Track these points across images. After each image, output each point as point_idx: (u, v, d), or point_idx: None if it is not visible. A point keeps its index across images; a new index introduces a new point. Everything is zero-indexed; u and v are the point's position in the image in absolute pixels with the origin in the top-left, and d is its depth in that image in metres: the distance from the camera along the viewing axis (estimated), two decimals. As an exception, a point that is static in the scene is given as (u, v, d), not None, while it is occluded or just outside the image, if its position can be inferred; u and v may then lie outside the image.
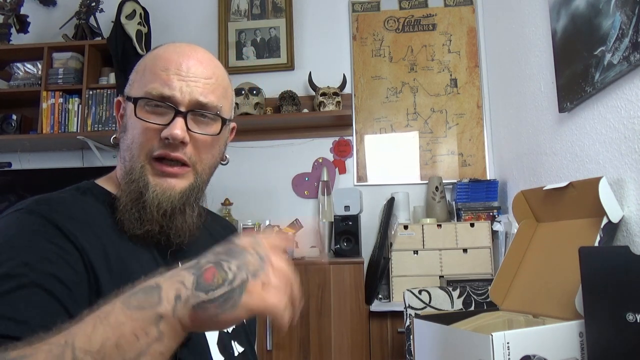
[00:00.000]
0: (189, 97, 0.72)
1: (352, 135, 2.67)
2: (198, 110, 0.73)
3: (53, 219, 0.63)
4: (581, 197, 1.18)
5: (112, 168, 0.82)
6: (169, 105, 0.71)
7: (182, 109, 0.72)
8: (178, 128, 0.70)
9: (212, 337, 0.73)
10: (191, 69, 0.74)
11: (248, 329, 0.85)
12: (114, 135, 0.80)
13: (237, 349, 0.78)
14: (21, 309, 0.54)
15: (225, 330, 0.77)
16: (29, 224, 0.62)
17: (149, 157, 0.72)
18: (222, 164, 0.84)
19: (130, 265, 0.67)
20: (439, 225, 2.25)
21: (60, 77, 2.60)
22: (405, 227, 2.25)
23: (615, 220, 1.11)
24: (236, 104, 2.53)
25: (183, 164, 0.73)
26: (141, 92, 0.73)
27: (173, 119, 0.71)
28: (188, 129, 0.72)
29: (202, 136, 0.74)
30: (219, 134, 0.76)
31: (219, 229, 0.94)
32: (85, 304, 0.58)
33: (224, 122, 0.78)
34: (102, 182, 0.79)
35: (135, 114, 0.72)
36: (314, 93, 2.59)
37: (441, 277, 2.16)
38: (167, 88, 0.71)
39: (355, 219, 2.35)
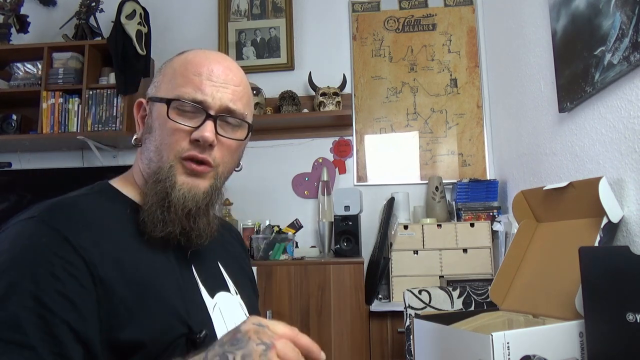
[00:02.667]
0: (220, 103, 0.75)
1: (352, 135, 2.67)
2: (227, 116, 0.76)
3: (64, 231, 0.64)
4: (581, 197, 1.18)
5: (112, 168, 0.82)
6: (200, 109, 0.74)
7: (213, 113, 0.74)
8: (208, 131, 0.73)
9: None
10: (221, 75, 0.76)
11: None
12: (135, 136, 0.81)
13: None
14: (29, 333, 0.57)
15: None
16: (39, 235, 0.63)
17: (178, 157, 0.74)
18: (236, 171, 0.85)
19: (144, 270, 0.69)
20: (439, 225, 2.25)
21: (60, 77, 2.59)
22: (405, 227, 2.25)
23: (615, 220, 1.11)
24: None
25: (208, 165, 0.75)
26: (172, 95, 0.74)
27: (203, 122, 0.74)
28: (217, 132, 0.75)
29: (228, 140, 0.77)
30: (244, 139, 0.80)
31: (227, 235, 0.96)
32: (92, 315, 0.62)
33: (250, 128, 0.81)
34: (117, 184, 0.80)
35: (168, 115, 0.73)
36: (314, 93, 2.59)
37: (441, 277, 2.16)
38: (199, 93, 0.74)
39: (355, 219, 2.35)
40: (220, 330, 0.75)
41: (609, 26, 1.20)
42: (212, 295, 0.78)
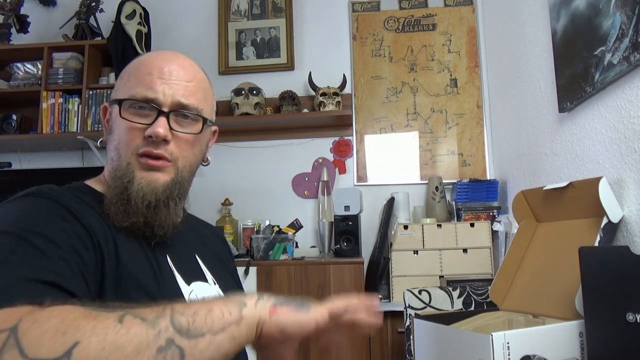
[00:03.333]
0: (171, 99, 0.77)
1: (352, 135, 2.67)
2: (180, 111, 0.78)
3: (62, 201, 0.68)
4: (581, 197, 1.18)
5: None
6: (152, 106, 0.76)
7: (165, 109, 0.77)
8: (160, 127, 0.75)
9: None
10: (173, 72, 0.79)
11: None
12: (101, 139, 0.85)
13: None
14: (43, 248, 0.60)
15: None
16: (42, 205, 0.67)
17: (134, 154, 0.76)
18: (202, 165, 0.88)
19: (121, 250, 0.71)
20: (439, 225, 2.25)
21: (60, 77, 2.60)
22: (405, 227, 2.25)
23: (615, 220, 1.11)
24: (236, 104, 2.53)
25: (165, 159, 0.77)
26: (126, 95, 0.77)
27: (156, 118, 0.76)
28: (171, 128, 0.77)
29: (183, 134, 0.79)
30: (200, 132, 0.81)
31: (207, 233, 0.99)
32: (94, 280, 0.64)
33: (205, 121, 0.82)
34: (91, 182, 0.84)
35: (120, 115, 0.77)
36: (314, 93, 2.59)
37: (441, 277, 2.16)
38: (150, 91, 0.76)
39: (355, 219, 2.34)
40: None
41: (609, 26, 1.20)
42: (188, 283, 0.80)
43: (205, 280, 0.85)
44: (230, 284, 0.92)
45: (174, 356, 0.49)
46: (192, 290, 0.80)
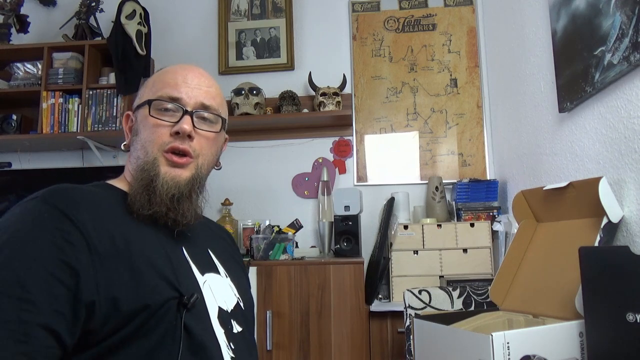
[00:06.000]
0: (195, 100, 0.86)
1: (352, 135, 2.67)
2: (202, 111, 0.87)
3: (63, 208, 0.70)
4: (581, 197, 1.18)
5: (112, 168, 0.87)
6: (178, 106, 0.84)
7: (189, 109, 0.85)
8: (186, 123, 0.83)
9: (212, 311, 0.81)
10: (194, 79, 0.88)
11: (247, 313, 0.92)
12: (124, 143, 0.91)
13: (236, 327, 0.85)
14: (31, 290, 0.63)
15: (225, 309, 0.84)
16: (41, 212, 0.70)
17: (161, 150, 0.82)
18: (215, 169, 0.94)
19: (135, 243, 0.74)
20: (439, 225, 2.25)
21: (60, 77, 2.59)
22: (405, 227, 2.25)
23: (615, 220, 1.11)
24: (236, 104, 2.53)
25: (189, 156, 0.84)
26: (153, 97, 0.85)
27: (182, 117, 0.84)
28: (194, 126, 0.84)
29: (206, 132, 0.87)
30: (219, 131, 0.90)
31: (218, 232, 1.05)
32: (90, 279, 0.67)
33: (224, 122, 0.91)
34: (112, 181, 0.89)
35: (150, 113, 0.84)
36: (314, 93, 2.59)
37: (441, 277, 2.16)
38: (175, 91, 0.85)
39: (355, 219, 2.34)
40: (211, 305, 0.81)
41: (609, 26, 1.20)
42: (202, 273, 0.84)
43: (218, 272, 0.90)
44: (240, 277, 0.97)
45: None
46: (206, 281, 0.83)
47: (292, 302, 2.10)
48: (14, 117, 2.63)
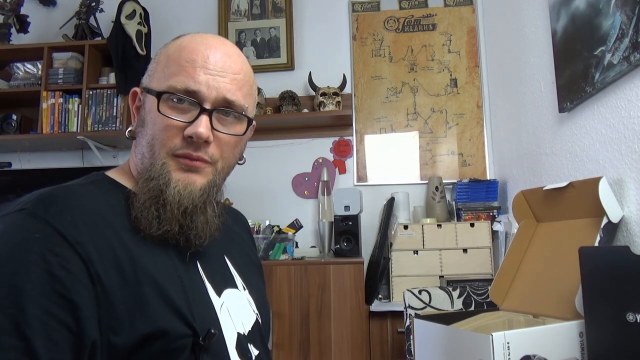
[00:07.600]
0: (216, 94, 0.68)
1: (352, 135, 2.67)
2: (224, 109, 0.70)
3: (57, 226, 0.58)
4: (581, 197, 1.18)
5: (112, 168, 0.80)
6: (193, 101, 0.68)
7: (208, 106, 0.68)
8: (203, 126, 0.67)
9: (230, 340, 0.71)
10: (219, 62, 0.69)
11: (263, 329, 0.83)
12: (130, 128, 0.75)
13: (254, 352, 0.76)
14: (30, 337, 0.53)
15: (242, 333, 0.75)
16: (32, 231, 0.57)
17: (170, 154, 0.68)
18: (239, 164, 0.80)
19: (143, 267, 0.63)
20: (439, 225, 2.25)
21: (60, 77, 2.59)
22: (405, 227, 2.25)
23: (615, 220, 1.11)
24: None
25: (204, 161, 0.70)
26: (164, 86, 0.68)
27: (198, 116, 0.67)
28: (213, 127, 0.69)
29: (226, 136, 0.71)
30: (244, 134, 0.73)
31: (232, 224, 0.91)
32: (92, 315, 0.57)
33: (250, 122, 0.74)
34: (114, 174, 0.75)
35: (158, 109, 0.68)
36: (314, 93, 2.59)
37: (441, 277, 2.16)
38: (192, 81, 0.67)
39: (355, 219, 2.34)
40: (228, 330, 0.71)
41: (609, 26, 1.20)
42: (219, 294, 0.74)
43: (236, 286, 0.80)
44: (257, 282, 0.87)
45: None
46: (223, 303, 0.73)
47: (292, 302, 2.10)
48: (14, 117, 2.63)
